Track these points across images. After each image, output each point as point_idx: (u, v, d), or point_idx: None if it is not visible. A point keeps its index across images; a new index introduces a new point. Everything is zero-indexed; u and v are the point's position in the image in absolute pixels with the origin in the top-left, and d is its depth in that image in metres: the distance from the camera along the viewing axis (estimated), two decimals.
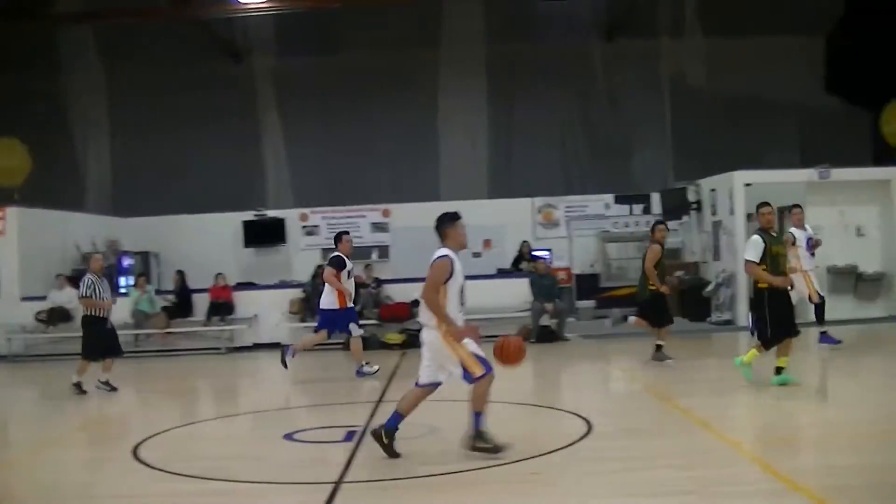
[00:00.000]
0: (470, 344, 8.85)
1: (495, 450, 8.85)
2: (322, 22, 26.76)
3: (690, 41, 28.05)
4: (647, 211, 25.80)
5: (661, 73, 28.62)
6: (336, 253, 15.40)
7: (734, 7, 27.32)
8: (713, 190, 22.70)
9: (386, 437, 8.99)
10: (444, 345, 8.82)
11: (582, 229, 25.23)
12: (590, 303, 23.11)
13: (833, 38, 28.57)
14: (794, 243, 15.94)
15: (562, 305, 20.36)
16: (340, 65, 27.54)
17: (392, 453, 8.97)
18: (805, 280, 15.98)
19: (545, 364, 17.25)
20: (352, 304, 15.65)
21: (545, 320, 20.07)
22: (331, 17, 26.70)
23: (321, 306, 15.49)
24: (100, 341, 14.73)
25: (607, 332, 18.71)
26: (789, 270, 15.25)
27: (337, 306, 15.26)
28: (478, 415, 8.93)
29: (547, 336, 19.74)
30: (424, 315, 8.94)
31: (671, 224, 24.82)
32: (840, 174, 20.93)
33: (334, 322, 15.38)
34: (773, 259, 12.33)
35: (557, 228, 26.33)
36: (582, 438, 9.73)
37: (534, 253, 23.21)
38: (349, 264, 15.34)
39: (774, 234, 12.66)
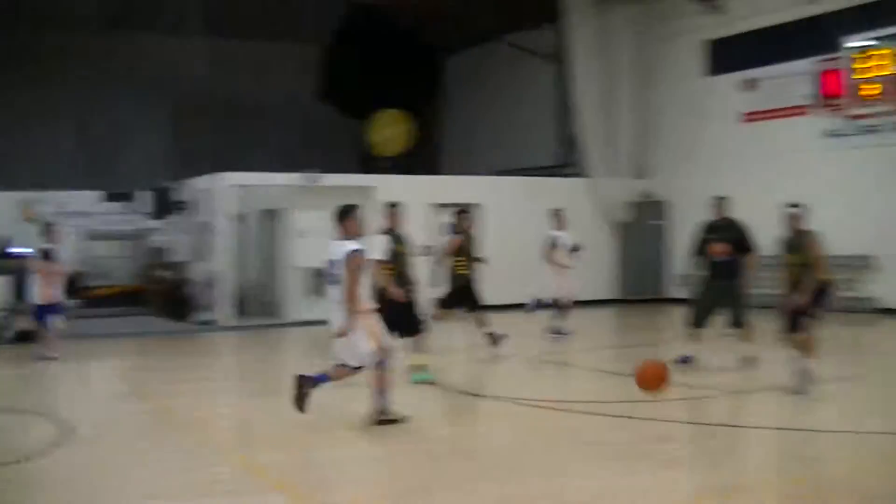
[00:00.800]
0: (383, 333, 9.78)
1: (401, 420, 9.81)
2: None
3: (190, 40, 28.16)
4: (134, 210, 25.64)
5: (158, 71, 28.49)
6: (49, 245, 15.65)
7: (236, 10, 27.81)
8: (202, 190, 22.98)
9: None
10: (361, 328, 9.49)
11: (67, 226, 24.58)
12: (74, 301, 22.52)
13: (329, 50, 30.02)
14: (554, 245, 17.39)
15: None
16: None
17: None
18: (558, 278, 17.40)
19: (22, 366, 16.67)
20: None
21: (24, 321, 19.20)
22: None
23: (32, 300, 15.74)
24: None
25: (95, 333, 18.34)
26: (560, 267, 17.12)
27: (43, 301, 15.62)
28: (381, 392, 9.75)
29: (25, 337, 18.88)
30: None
31: (155, 223, 24.98)
32: (329, 180, 21.95)
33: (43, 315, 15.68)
34: (397, 258, 13.00)
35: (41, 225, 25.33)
36: (64, 443, 9.61)
37: (10, 250, 22.10)
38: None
39: (398, 234, 13.23)
